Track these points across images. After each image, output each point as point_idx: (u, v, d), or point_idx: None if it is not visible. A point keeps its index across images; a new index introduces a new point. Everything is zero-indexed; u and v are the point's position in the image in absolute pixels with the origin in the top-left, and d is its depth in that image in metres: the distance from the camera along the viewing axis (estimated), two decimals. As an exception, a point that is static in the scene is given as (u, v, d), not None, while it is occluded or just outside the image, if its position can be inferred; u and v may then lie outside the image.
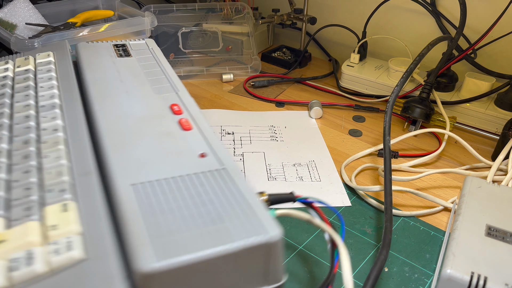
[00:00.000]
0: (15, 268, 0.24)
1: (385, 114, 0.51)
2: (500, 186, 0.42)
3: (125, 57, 0.50)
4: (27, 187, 0.30)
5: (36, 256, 0.25)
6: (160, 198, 0.29)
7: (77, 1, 0.73)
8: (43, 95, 0.41)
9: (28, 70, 0.46)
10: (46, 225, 0.27)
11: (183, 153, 0.35)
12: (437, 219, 0.47)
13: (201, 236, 0.26)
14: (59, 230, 0.26)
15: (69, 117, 0.39)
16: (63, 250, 0.25)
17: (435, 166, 0.56)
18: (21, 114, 0.39)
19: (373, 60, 0.77)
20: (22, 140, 0.35)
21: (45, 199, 0.29)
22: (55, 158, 0.33)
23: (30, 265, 0.24)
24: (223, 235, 0.26)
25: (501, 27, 0.62)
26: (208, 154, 0.34)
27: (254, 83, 0.74)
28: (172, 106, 0.41)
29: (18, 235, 0.26)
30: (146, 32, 0.66)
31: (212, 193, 0.30)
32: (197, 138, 0.37)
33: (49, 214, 0.28)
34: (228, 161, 0.34)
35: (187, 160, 0.34)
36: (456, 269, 0.33)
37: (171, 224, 0.27)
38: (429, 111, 0.60)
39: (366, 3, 0.78)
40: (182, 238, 0.26)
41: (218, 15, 0.80)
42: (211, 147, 0.36)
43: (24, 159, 0.33)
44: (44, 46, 0.53)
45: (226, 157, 0.34)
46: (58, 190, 0.30)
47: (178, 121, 0.39)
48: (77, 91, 0.43)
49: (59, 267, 0.25)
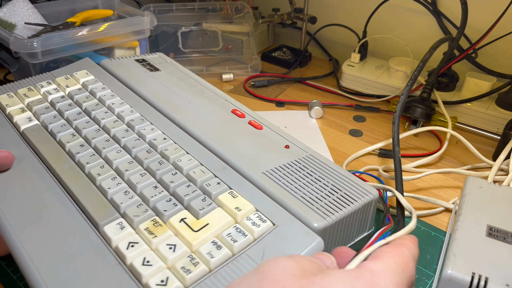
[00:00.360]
0: (234, 240, 0.30)
1: (392, 124, 0.51)
2: (501, 186, 0.41)
3: (155, 71, 0.53)
4: (187, 185, 0.35)
5: (244, 229, 0.32)
6: (287, 179, 0.37)
7: (76, 0, 0.73)
8: (123, 111, 0.44)
9: (81, 89, 0.48)
10: (230, 209, 0.33)
11: (272, 146, 0.42)
12: (437, 219, 0.47)
13: (335, 201, 0.36)
14: (243, 211, 0.33)
15: (162, 127, 0.43)
16: (258, 222, 0.32)
17: (436, 166, 0.55)
18: (118, 128, 0.42)
19: (373, 59, 0.77)
20: (140, 150, 0.39)
21: (209, 191, 0.35)
22: (188, 161, 0.38)
23: (244, 236, 0.31)
24: (347, 199, 0.36)
25: (502, 26, 0.62)
26: (291, 146, 0.42)
27: (254, 83, 0.74)
28: (233, 111, 0.47)
29: (216, 219, 0.32)
30: (146, 31, 0.66)
31: (316, 172, 0.39)
32: (272, 134, 0.44)
33: (225, 201, 0.34)
34: (307, 149, 0.42)
35: (279, 151, 0.41)
36: (457, 270, 0.32)
37: (310, 195, 0.36)
38: (430, 111, 0.60)
39: (367, 3, 0.78)
40: (325, 203, 0.35)
41: (218, 15, 0.80)
42: (288, 139, 0.43)
43: (160, 164, 0.37)
44: (70, 66, 0.54)
45: (304, 146, 0.42)
46: (216, 183, 0.36)
47: (248, 122, 0.45)
48: (147, 105, 0.46)
49: (261, 234, 0.31)
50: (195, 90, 0.50)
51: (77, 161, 0.38)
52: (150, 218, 0.32)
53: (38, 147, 0.39)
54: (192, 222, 0.32)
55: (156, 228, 0.31)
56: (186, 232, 0.31)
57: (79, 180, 0.36)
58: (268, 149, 0.41)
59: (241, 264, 0.29)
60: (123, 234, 0.31)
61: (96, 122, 0.43)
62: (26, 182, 0.36)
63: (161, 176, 0.36)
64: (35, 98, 0.46)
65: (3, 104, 0.45)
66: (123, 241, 0.30)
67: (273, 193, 0.35)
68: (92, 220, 0.32)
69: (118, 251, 0.30)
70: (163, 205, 0.33)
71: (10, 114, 0.44)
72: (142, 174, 0.36)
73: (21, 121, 0.43)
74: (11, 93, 0.47)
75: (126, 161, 0.38)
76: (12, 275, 0.39)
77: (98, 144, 0.40)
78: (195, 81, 0.52)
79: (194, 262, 0.29)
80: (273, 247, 0.30)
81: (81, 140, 0.40)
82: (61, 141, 0.40)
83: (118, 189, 0.35)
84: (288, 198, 0.35)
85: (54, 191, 0.35)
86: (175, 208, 0.33)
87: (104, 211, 0.33)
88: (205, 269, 0.29)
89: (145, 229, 0.31)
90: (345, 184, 0.38)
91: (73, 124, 0.42)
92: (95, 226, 0.32)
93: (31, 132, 0.41)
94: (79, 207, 0.34)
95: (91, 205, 0.33)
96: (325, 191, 0.36)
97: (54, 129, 0.41)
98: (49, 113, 0.44)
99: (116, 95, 0.47)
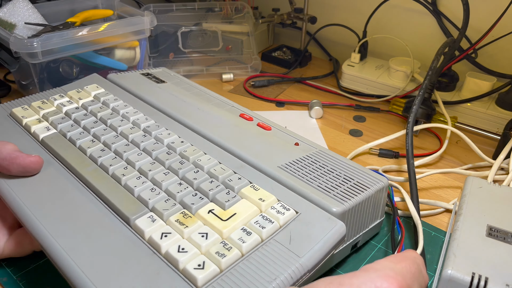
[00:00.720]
0: (262, 227, 0.32)
1: (406, 136, 0.50)
2: (501, 186, 0.41)
3: (161, 83, 0.55)
4: (210, 181, 0.37)
5: (270, 217, 0.33)
6: (302, 171, 0.39)
7: (76, 0, 0.73)
8: (138, 118, 0.46)
9: (94, 101, 0.49)
10: (254, 200, 0.35)
11: (283, 144, 0.43)
12: (437, 219, 0.47)
13: (350, 188, 0.37)
14: (266, 201, 0.35)
15: (178, 132, 0.44)
16: (282, 210, 0.34)
17: (436, 166, 0.55)
18: (135, 134, 0.43)
19: (373, 59, 0.77)
20: (160, 152, 0.41)
21: (232, 185, 0.37)
22: (207, 160, 0.40)
23: (271, 223, 0.33)
24: (361, 186, 0.38)
25: (502, 26, 0.62)
26: (300, 143, 0.44)
27: (254, 83, 0.74)
28: (241, 115, 0.48)
29: (242, 209, 0.34)
30: (146, 31, 0.66)
31: (328, 164, 0.40)
32: (281, 134, 0.45)
33: (249, 193, 0.36)
34: (315, 145, 0.44)
35: (291, 148, 0.43)
36: (457, 270, 0.32)
37: (326, 184, 0.37)
38: (431, 111, 0.60)
39: (367, 3, 0.78)
40: (340, 191, 0.37)
41: (218, 15, 0.80)
42: (296, 138, 0.45)
43: (181, 164, 0.39)
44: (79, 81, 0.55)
45: (312, 142, 0.44)
46: (237, 178, 0.37)
47: (257, 124, 0.47)
48: (160, 113, 0.48)
49: (286, 221, 0.33)
50: (202, 98, 0.52)
51: (100, 164, 0.39)
52: (179, 211, 0.34)
53: (60, 153, 0.40)
54: (220, 212, 0.34)
55: (186, 219, 0.33)
56: (215, 221, 0.33)
57: (105, 181, 0.37)
58: (280, 147, 0.43)
59: (271, 249, 0.31)
60: (155, 226, 0.32)
61: (113, 129, 0.44)
62: (54, 184, 0.37)
63: (184, 174, 0.38)
64: (50, 110, 0.47)
65: (19, 116, 0.46)
66: (156, 232, 0.32)
67: (291, 184, 0.37)
68: (123, 216, 0.34)
69: (152, 241, 0.31)
70: (190, 199, 0.35)
71: (27, 124, 0.44)
72: (165, 173, 0.38)
73: (40, 130, 0.43)
74: (25, 106, 0.48)
75: (148, 162, 0.39)
76: (13, 275, 0.39)
77: (118, 148, 0.41)
78: (201, 91, 0.54)
79: (227, 247, 0.30)
80: (299, 232, 0.32)
81: (101, 146, 0.41)
82: (81, 147, 0.41)
83: (144, 187, 0.36)
84: (306, 187, 0.37)
85: (82, 192, 0.37)
86: (202, 201, 0.35)
87: (133, 207, 0.34)
88: (238, 253, 0.30)
89: (176, 221, 0.33)
90: (357, 173, 0.39)
91: (90, 132, 0.43)
92: (125, 221, 0.34)
93: (51, 140, 0.42)
94: (108, 205, 0.35)
95: (120, 202, 0.35)
96: (339, 180, 0.38)
97: (73, 136, 0.43)
98: (66, 123, 0.45)
99: (129, 105, 0.48)
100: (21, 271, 0.39)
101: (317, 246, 0.31)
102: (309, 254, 0.30)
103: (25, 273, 0.39)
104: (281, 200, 0.35)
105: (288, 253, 0.30)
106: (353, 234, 0.38)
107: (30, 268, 0.40)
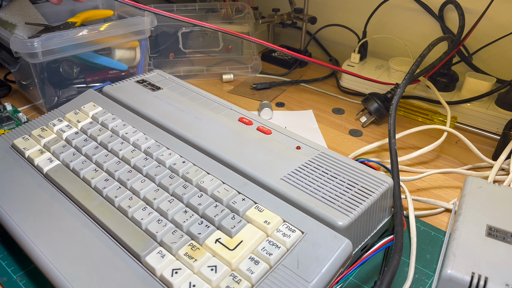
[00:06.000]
0: (269, 253, 0.32)
1: (389, 116, 0.51)
2: (500, 186, 0.41)
3: (157, 90, 0.54)
4: (214, 206, 0.37)
5: (276, 241, 0.33)
6: (305, 181, 0.38)
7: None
8: (138, 139, 0.46)
9: (92, 122, 0.49)
10: (260, 223, 0.35)
11: (284, 150, 0.43)
12: (437, 219, 0.47)
13: (354, 195, 0.37)
14: (272, 223, 0.34)
15: (178, 150, 0.44)
16: (288, 232, 0.34)
17: (436, 166, 0.55)
18: (137, 158, 0.43)
19: (373, 59, 0.77)
20: (163, 176, 0.40)
21: (236, 208, 0.36)
22: (210, 181, 0.39)
23: (278, 248, 0.33)
24: (366, 192, 0.37)
25: (501, 28, 0.62)
26: (302, 146, 0.43)
27: (256, 85, 0.74)
28: (240, 119, 0.47)
29: (248, 235, 0.34)
30: (146, 32, 0.66)
31: (331, 169, 0.40)
32: (282, 137, 0.45)
33: (254, 216, 0.35)
34: (318, 147, 0.43)
35: (292, 154, 0.42)
36: (456, 270, 0.32)
37: (330, 194, 0.37)
38: (386, 112, 0.62)
39: (367, 3, 0.78)
40: (345, 200, 0.36)
41: (218, 15, 0.80)
42: (298, 140, 0.44)
43: (185, 189, 0.39)
44: (75, 100, 0.54)
45: (314, 144, 0.43)
46: (241, 200, 0.37)
47: (256, 129, 0.46)
48: (159, 129, 0.47)
49: (293, 244, 0.33)
50: (200, 103, 0.51)
51: (105, 196, 0.39)
52: (187, 243, 0.34)
53: (65, 187, 0.40)
54: (226, 241, 0.34)
55: (195, 252, 0.33)
56: (223, 252, 0.33)
57: (112, 215, 0.37)
58: (281, 153, 0.42)
59: (280, 275, 0.31)
60: (165, 262, 0.33)
61: (115, 154, 0.44)
62: (61, 222, 0.37)
63: (188, 200, 0.38)
64: (51, 138, 0.47)
65: (21, 148, 0.46)
66: (166, 269, 0.32)
67: (295, 198, 0.37)
68: (133, 252, 0.34)
69: (163, 279, 0.32)
70: (196, 228, 0.35)
71: (30, 157, 0.44)
72: (170, 200, 0.38)
73: (43, 163, 0.43)
74: (25, 136, 0.48)
75: (152, 190, 0.39)
76: (13, 274, 0.39)
77: (121, 176, 0.41)
78: (198, 93, 0.53)
79: (237, 280, 0.31)
80: (306, 254, 0.32)
81: (105, 175, 0.41)
82: (85, 178, 0.41)
83: (150, 219, 0.36)
84: (310, 201, 0.36)
85: (90, 228, 0.37)
86: (208, 229, 0.35)
87: (142, 242, 0.34)
88: (248, 285, 0.31)
89: (185, 254, 0.33)
90: (360, 177, 0.39)
91: (93, 159, 0.43)
92: (136, 257, 0.34)
93: (54, 173, 0.42)
94: (117, 240, 0.35)
95: (129, 238, 0.35)
96: (343, 187, 0.38)
97: (76, 167, 0.42)
98: (67, 151, 0.45)
99: (128, 124, 0.48)
100: (21, 271, 0.39)
101: (324, 269, 0.31)
102: (318, 278, 0.31)
103: (25, 273, 0.39)
104: (286, 220, 0.35)
105: (297, 279, 0.30)
106: (362, 239, 0.38)
107: (30, 268, 0.40)
